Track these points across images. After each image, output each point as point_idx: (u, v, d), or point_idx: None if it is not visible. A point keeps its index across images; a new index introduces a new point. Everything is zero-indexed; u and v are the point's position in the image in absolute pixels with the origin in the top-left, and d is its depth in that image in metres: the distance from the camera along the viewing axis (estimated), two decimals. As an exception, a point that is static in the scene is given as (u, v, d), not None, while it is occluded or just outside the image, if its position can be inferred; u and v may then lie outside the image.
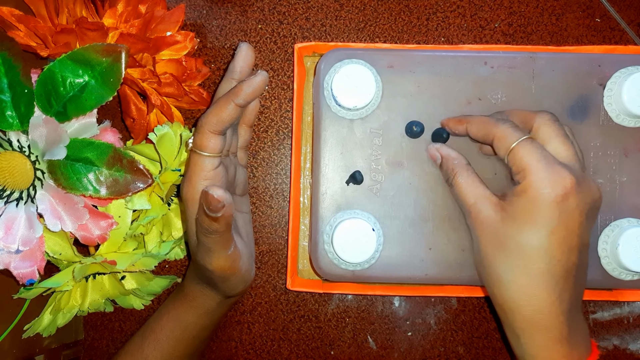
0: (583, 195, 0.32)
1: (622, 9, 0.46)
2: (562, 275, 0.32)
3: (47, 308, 0.40)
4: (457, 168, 0.36)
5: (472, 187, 0.35)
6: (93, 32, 0.36)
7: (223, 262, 0.36)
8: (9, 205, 0.36)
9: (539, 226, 0.32)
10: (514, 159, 0.33)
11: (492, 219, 0.34)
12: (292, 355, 0.47)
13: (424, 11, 0.47)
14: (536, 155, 0.32)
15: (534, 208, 0.32)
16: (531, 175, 0.32)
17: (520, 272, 0.32)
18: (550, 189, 0.31)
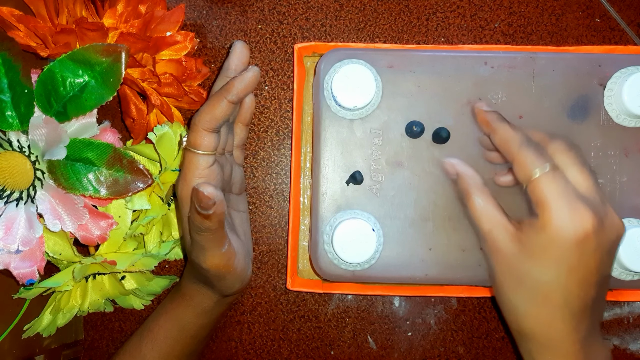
0: (605, 233, 0.31)
1: (621, 9, 0.46)
2: (580, 308, 0.32)
3: (47, 308, 0.40)
4: (472, 189, 0.35)
5: (488, 211, 0.34)
6: (93, 32, 0.36)
7: (217, 260, 0.35)
8: (9, 205, 0.36)
9: (558, 265, 0.31)
10: (534, 189, 0.32)
11: (509, 250, 0.33)
12: (292, 355, 0.47)
13: (424, 11, 0.47)
14: (558, 190, 0.31)
15: (553, 247, 0.31)
16: (551, 212, 0.31)
17: (537, 305, 0.32)
18: (571, 229, 0.30)
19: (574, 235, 0.30)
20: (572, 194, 0.31)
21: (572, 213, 0.30)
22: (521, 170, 0.32)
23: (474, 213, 0.34)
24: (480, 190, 0.34)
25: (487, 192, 0.34)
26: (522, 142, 0.33)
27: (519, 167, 0.33)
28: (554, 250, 0.31)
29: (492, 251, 0.34)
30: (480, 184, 0.35)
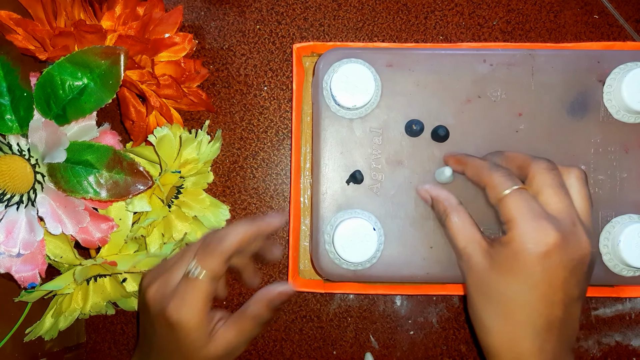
0: (568, 251, 0.32)
1: (620, 5, 0.46)
2: (544, 327, 0.32)
3: (49, 311, 0.40)
4: (449, 209, 0.36)
5: (464, 229, 0.35)
6: (91, 34, 0.36)
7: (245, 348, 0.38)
8: (9, 209, 0.36)
9: (521, 280, 0.32)
10: (502, 208, 0.33)
11: (481, 265, 0.33)
12: (294, 355, 0.47)
13: (422, 10, 0.47)
14: (523, 208, 0.32)
15: (517, 262, 0.32)
16: (516, 228, 0.32)
17: (502, 320, 0.33)
18: (533, 244, 0.31)
19: (536, 250, 0.31)
20: (537, 212, 0.32)
21: (536, 229, 0.31)
22: (491, 191, 0.34)
23: (450, 231, 0.35)
24: (455, 210, 0.36)
25: (463, 210, 0.36)
26: (490, 167, 0.35)
27: (489, 189, 0.34)
28: (517, 265, 0.32)
29: (467, 267, 0.34)
30: (455, 203, 0.36)
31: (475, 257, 0.34)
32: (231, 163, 0.47)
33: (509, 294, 0.32)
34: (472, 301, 0.34)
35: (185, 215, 0.44)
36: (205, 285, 0.35)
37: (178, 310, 0.34)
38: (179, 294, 0.35)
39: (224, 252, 0.35)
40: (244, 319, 0.37)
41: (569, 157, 0.39)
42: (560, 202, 0.33)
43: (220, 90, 0.47)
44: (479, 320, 0.34)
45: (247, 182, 0.47)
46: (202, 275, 0.35)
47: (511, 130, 0.39)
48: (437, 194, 0.37)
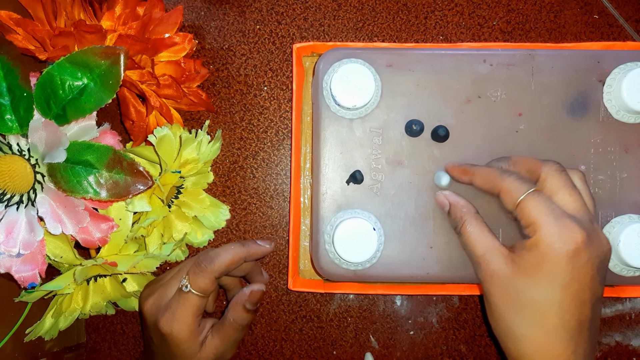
0: (594, 248, 0.32)
1: (620, 5, 0.46)
2: (576, 329, 0.32)
3: (49, 311, 0.40)
4: (466, 216, 0.36)
5: (481, 237, 0.34)
6: (91, 34, 0.36)
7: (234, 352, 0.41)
8: (9, 209, 0.36)
9: (552, 281, 0.31)
10: (522, 212, 0.33)
11: (503, 271, 0.33)
12: (294, 355, 0.47)
13: (422, 10, 0.47)
14: (545, 209, 0.32)
15: (546, 263, 0.31)
16: (541, 230, 0.32)
17: (534, 327, 0.32)
18: (561, 244, 0.31)
19: (565, 250, 0.31)
20: (559, 212, 0.32)
21: (562, 229, 0.31)
22: (507, 197, 0.34)
23: (467, 239, 0.35)
24: (473, 217, 0.35)
25: (480, 219, 0.36)
26: (501, 173, 0.35)
27: (505, 195, 0.34)
28: (546, 267, 0.31)
29: (487, 275, 0.34)
30: (473, 211, 0.36)
31: (496, 264, 0.33)
32: (231, 163, 0.47)
33: (539, 298, 0.32)
34: (497, 311, 0.34)
35: (185, 215, 0.44)
36: (195, 301, 0.38)
37: (170, 324, 0.37)
38: (171, 308, 0.38)
39: (214, 271, 0.38)
40: (225, 325, 0.39)
41: (569, 157, 0.39)
42: (576, 201, 0.33)
43: (220, 90, 0.47)
44: (508, 329, 0.33)
45: (247, 182, 0.47)
46: (192, 291, 0.38)
47: (511, 130, 0.39)
48: (456, 201, 0.37)
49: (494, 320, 0.34)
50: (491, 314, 0.34)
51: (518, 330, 0.33)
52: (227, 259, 0.38)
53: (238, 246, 0.39)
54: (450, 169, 0.38)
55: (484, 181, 0.36)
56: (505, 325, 0.33)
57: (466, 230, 0.35)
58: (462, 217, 0.36)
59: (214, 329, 0.39)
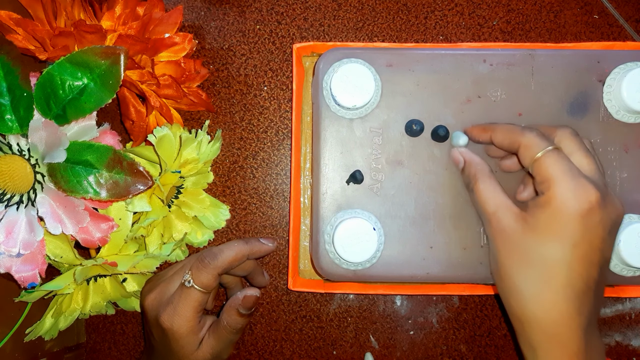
0: (607, 210, 0.32)
1: (620, 5, 0.46)
2: (583, 289, 0.32)
3: (49, 311, 0.40)
4: (479, 174, 0.36)
5: (494, 194, 0.35)
6: (91, 34, 0.36)
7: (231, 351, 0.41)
8: (9, 209, 0.36)
9: (562, 239, 0.31)
10: (539, 168, 0.33)
11: (513, 229, 0.33)
12: (294, 355, 0.47)
13: (422, 10, 0.47)
14: (562, 167, 0.32)
15: (558, 221, 0.31)
16: (556, 187, 0.32)
17: (541, 284, 0.32)
18: (575, 202, 0.31)
19: (579, 209, 0.31)
20: (575, 171, 0.32)
21: (577, 187, 0.31)
22: (526, 152, 0.34)
23: (479, 196, 0.35)
24: (486, 176, 0.35)
25: (494, 177, 0.36)
26: (523, 128, 0.34)
27: (524, 150, 0.34)
28: (558, 225, 0.31)
29: (497, 232, 0.34)
30: (487, 169, 0.36)
31: (507, 220, 0.33)
32: (231, 163, 0.47)
33: (548, 255, 0.32)
34: (502, 267, 0.34)
35: (185, 215, 0.44)
36: (197, 296, 0.38)
37: (171, 318, 0.38)
38: (172, 303, 0.38)
39: (217, 267, 0.38)
40: (220, 328, 0.39)
41: (569, 157, 0.39)
42: (592, 164, 0.33)
43: (220, 90, 0.47)
44: (514, 286, 0.33)
45: (247, 182, 0.47)
46: (195, 286, 0.38)
47: (511, 130, 0.39)
48: (471, 158, 0.37)
49: (500, 278, 0.34)
50: (497, 272, 0.35)
51: (524, 288, 0.33)
52: (230, 255, 0.39)
53: (241, 243, 0.40)
54: (470, 129, 0.38)
55: (504, 136, 0.35)
56: (511, 283, 0.33)
57: (479, 187, 0.35)
58: (476, 174, 0.36)
59: (211, 328, 0.40)
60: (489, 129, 0.37)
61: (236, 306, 0.39)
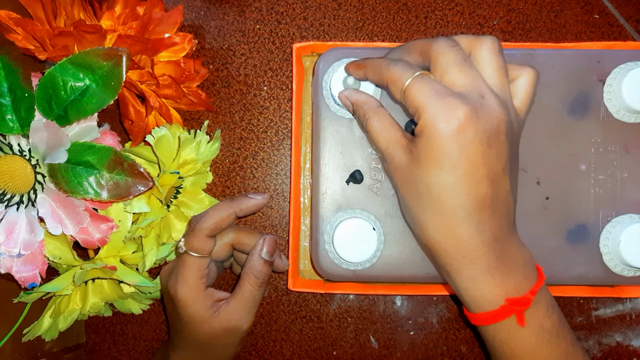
0: (481, 122, 0.30)
1: (620, 5, 0.46)
2: (475, 207, 0.31)
3: (47, 311, 0.40)
4: (368, 112, 0.35)
5: (384, 131, 0.34)
6: (91, 34, 0.36)
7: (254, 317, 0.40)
8: (9, 209, 0.36)
9: (441, 164, 0.31)
10: (407, 99, 0.32)
11: (403, 163, 0.33)
12: (294, 356, 0.47)
13: (422, 9, 0.47)
14: (426, 91, 0.31)
15: (432, 147, 0.31)
16: (424, 113, 0.31)
17: (433, 212, 0.32)
18: (443, 123, 0.30)
19: (448, 130, 0.30)
20: (441, 92, 0.31)
21: (443, 108, 0.30)
22: (394, 87, 0.33)
23: (372, 135, 0.34)
24: (375, 112, 0.35)
25: (383, 112, 0.35)
26: (388, 63, 0.33)
27: (392, 86, 0.33)
28: (433, 150, 0.31)
29: (392, 169, 0.34)
30: (374, 105, 0.35)
31: (398, 156, 0.33)
32: (231, 163, 0.47)
33: (433, 182, 0.31)
34: (403, 202, 0.34)
35: (184, 215, 0.44)
36: (193, 261, 0.38)
37: (174, 286, 0.39)
38: (174, 271, 0.39)
39: (203, 229, 0.38)
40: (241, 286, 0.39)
41: (569, 157, 0.39)
42: (465, 77, 0.31)
43: (220, 90, 0.47)
44: (414, 217, 0.33)
45: (247, 182, 0.47)
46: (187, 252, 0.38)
47: (511, 130, 0.39)
48: (357, 98, 0.36)
49: (403, 212, 0.35)
50: (401, 206, 0.35)
51: (421, 217, 0.33)
52: (215, 216, 0.39)
53: (226, 202, 0.40)
54: (347, 65, 0.37)
55: (373, 74, 0.35)
56: (411, 214, 0.33)
57: (370, 126, 0.34)
58: (365, 113, 0.35)
59: (230, 295, 0.39)
60: (362, 65, 0.36)
61: (258, 252, 0.39)
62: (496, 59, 0.33)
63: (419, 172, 0.32)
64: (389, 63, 0.33)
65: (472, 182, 0.31)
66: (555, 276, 0.39)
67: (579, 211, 0.39)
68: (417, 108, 0.31)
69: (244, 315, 0.39)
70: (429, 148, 0.31)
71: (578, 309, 0.46)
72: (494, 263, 0.32)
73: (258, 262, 0.39)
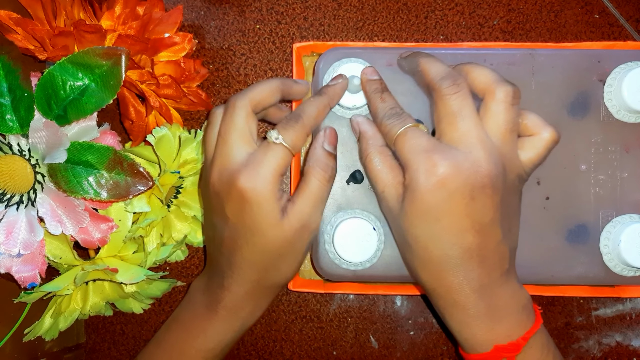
0: (462, 177, 0.31)
1: (620, 5, 0.46)
2: (462, 256, 0.32)
3: (48, 311, 0.40)
4: (370, 149, 0.35)
5: (382, 174, 0.34)
6: (91, 34, 0.36)
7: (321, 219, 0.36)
8: (9, 209, 0.36)
9: (424, 217, 0.32)
10: (397, 153, 0.33)
11: (395, 211, 0.33)
12: (294, 356, 0.47)
13: (422, 9, 0.46)
14: (412, 146, 0.32)
15: (416, 201, 0.32)
16: (409, 168, 0.32)
17: (423, 260, 0.33)
18: (424, 179, 0.31)
19: (428, 183, 0.31)
20: (425, 147, 0.32)
21: (425, 164, 0.31)
22: (387, 138, 0.35)
23: (370, 173, 0.35)
24: (378, 151, 0.35)
25: (386, 152, 0.35)
26: (384, 114, 0.35)
27: (385, 137, 0.35)
28: (417, 204, 0.32)
29: (385, 212, 0.35)
30: (379, 144, 0.35)
31: (391, 202, 0.34)
32: (231, 163, 0.47)
33: (419, 233, 0.32)
34: (397, 245, 0.36)
35: (185, 215, 0.44)
36: (285, 154, 0.34)
37: (253, 178, 0.33)
38: (254, 162, 0.33)
39: (307, 125, 0.35)
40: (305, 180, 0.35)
41: (569, 157, 0.39)
42: (455, 131, 0.32)
43: (220, 90, 0.47)
44: (406, 262, 0.35)
45: (247, 182, 0.47)
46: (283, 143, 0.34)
47: (511, 130, 0.39)
48: (365, 131, 0.36)
49: (399, 251, 0.36)
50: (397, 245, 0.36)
51: (413, 264, 0.34)
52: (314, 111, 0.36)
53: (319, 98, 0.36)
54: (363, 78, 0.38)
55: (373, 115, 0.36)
56: (404, 258, 0.35)
57: (369, 164, 0.35)
58: (367, 149, 0.35)
59: (293, 196, 0.35)
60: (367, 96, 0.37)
61: (321, 143, 0.36)
62: (504, 113, 0.33)
63: (405, 224, 0.33)
64: (383, 115, 0.35)
65: (457, 233, 0.31)
66: (555, 276, 0.39)
67: (579, 211, 0.39)
68: (404, 162, 0.33)
69: (313, 212, 0.35)
70: (413, 201, 0.32)
71: (578, 309, 0.46)
72: (483, 310, 0.32)
73: (322, 154, 0.35)
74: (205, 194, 0.37)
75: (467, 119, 0.32)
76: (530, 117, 0.34)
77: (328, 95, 0.37)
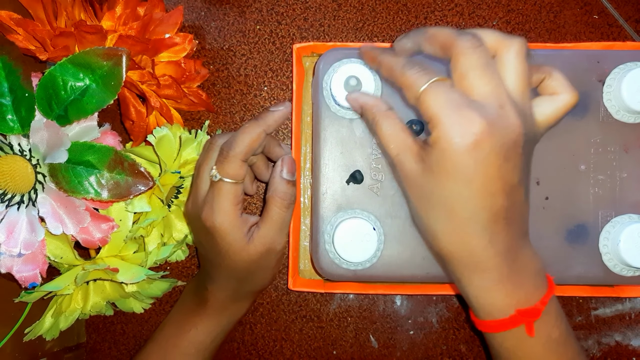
0: (497, 136, 0.29)
1: (619, 5, 0.46)
2: (490, 219, 0.31)
3: (49, 311, 0.40)
4: (377, 116, 0.33)
5: (394, 137, 0.33)
6: (92, 35, 0.36)
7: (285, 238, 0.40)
8: (10, 209, 0.37)
9: (455, 178, 0.30)
10: (422, 107, 0.30)
11: (415, 171, 0.32)
12: (294, 355, 0.48)
13: (422, 10, 0.47)
14: (442, 101, 0.29)
15: (447, 160, 0.30)
16: (439, 125, 0.29)
17: (446, 223, 0.31)
18: (459, 137, 0.29)
19: (464, 144, 0.29)
20: (457, 102, 0.30)
21: (459, 121, 0.29)
22: (408, 92, 0.31)
23: (382, 140, 0.33)
24: (385, 116, 0.33)
25: (393, 115, 0.33)
26: (404, 64, 0.32)
27: (407, 91, 0.32)
28: (448, 163, 0.30)
29: (402, 176, 0.33)
30: (384, 109, 0.34)
31: (408, 163, 0.32)
32: (231, 163, 0.47)
33: (447, 194, 0.31)
34: (414, 210, 0.33)
35: (186, 215, 0.44)
36: (229, 188, 0.37)
37: (211, 216, 0.37)
38: (209, 201, 0.37)
39: (237, 154, 0.37)
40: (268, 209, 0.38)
41: (569, 157, 0.39)
42: (485, 84, 0.30)
43: (220, 90, 0.47)
44: (426, 226, 0.33)
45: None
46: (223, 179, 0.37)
47: (511, 130, 0.39)
48: (365, 101, 0.35)
49: (415, 220, 0.35)
50: (412, 214, 0.35)
51: (434, 227, 0.32)
52: (247, 138, 0.37)
53: (253, 123, 0.38)
54: (361, 52, 0.37)
55: (386, 72, 0.33)
56: (422, 223, 0.33)
57: (380, 130, 0.33)
58: (374, 117, 0.34)
59: (259, 220, 0.39)
60: (376, 60, 0.35)
61: (279, 173, 0.38)
62: (521, 65, 0.31)
63: (432, 183, 0.31)
64: (404, 65, 0.32)
65: (488, 196, 0.30)
66: (554, 276, 0.39)
67: (578, 211, 0.39)
68: (431, 118, 0.30)
69: (276, 237, 0.38)
70: (443, 160, 0.30)
71: (577, 308, 0.46)
72: (506, 273, 0.32)
73: (281, 183, 0.38)
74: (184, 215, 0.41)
75: (495, 73, 0.30)
76: (556, 75, 0.33)
77: (264, 121, 0.38)
